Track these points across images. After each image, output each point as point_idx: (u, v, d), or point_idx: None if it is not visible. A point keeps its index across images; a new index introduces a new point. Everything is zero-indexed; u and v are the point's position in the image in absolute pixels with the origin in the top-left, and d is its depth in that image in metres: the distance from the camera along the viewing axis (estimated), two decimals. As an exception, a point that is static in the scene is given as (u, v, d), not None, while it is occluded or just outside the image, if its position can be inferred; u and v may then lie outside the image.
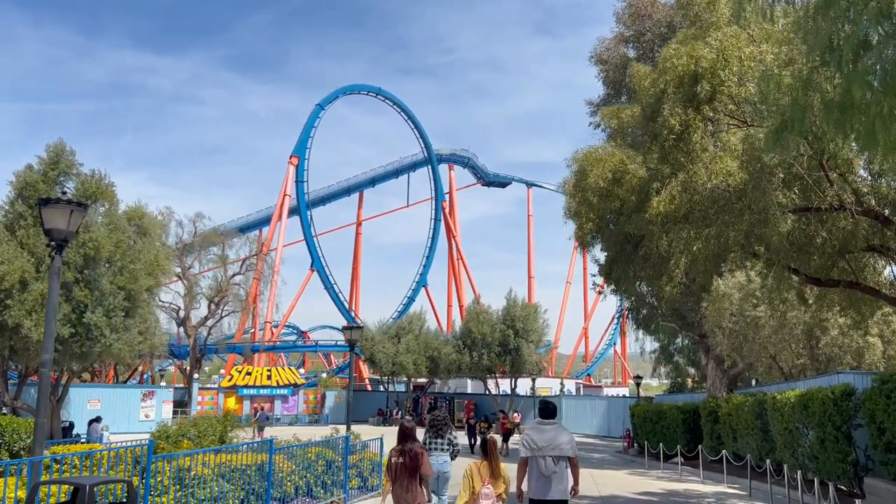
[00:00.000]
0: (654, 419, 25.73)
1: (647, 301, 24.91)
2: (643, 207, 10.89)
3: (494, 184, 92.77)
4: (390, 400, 49.20)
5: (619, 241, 13.20)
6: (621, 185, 11.80)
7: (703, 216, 10.18)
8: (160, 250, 23.56)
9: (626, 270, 13.29)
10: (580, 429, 41.61)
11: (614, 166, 11.73)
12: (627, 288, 15.15)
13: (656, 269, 12.67)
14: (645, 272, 12.99)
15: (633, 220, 11.39)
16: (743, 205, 9.70)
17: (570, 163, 13.02)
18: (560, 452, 7.02)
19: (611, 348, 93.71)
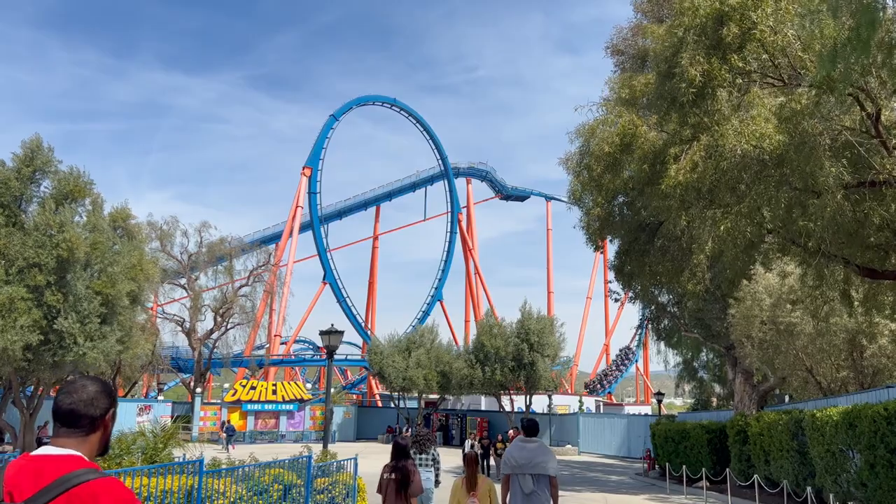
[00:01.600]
0: (677, 439, 23.63)
1: (669, 310, 22.95)
2: (658, 178, 9.07)
3: (513, 197, 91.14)
4: (401, 417, 47.28)
5: (631, 228, 11.38)
6: (631, 151, 9.92)
7: (731, 187, 8.34)
8: (145, 254, 22.05)
9: (641, 264, 11.41)
10: (599, 449, 39.38)
11: (623, 128, 9.79)
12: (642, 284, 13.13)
13: (676, 263, 10.86)
14: (663, 266, 11.14)
15: (646, 196, 9.54)
16: (781, 174, 7.88)
17: (574, 137, 11.18)
18: (541, 471, 6.97)
19: (632, 366, 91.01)
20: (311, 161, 66.06)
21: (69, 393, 2.29)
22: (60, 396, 2.29)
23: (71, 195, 20.45)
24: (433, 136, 76.09)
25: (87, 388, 2.33)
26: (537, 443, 7.37)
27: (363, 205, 77.72)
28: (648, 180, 9.49)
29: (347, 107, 69.84)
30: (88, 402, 2.27)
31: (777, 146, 7.76)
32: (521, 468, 7.04)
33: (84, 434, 2.24)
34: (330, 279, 64.42)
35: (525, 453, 7.15)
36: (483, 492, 7.49)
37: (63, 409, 2.27)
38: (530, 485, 7.00)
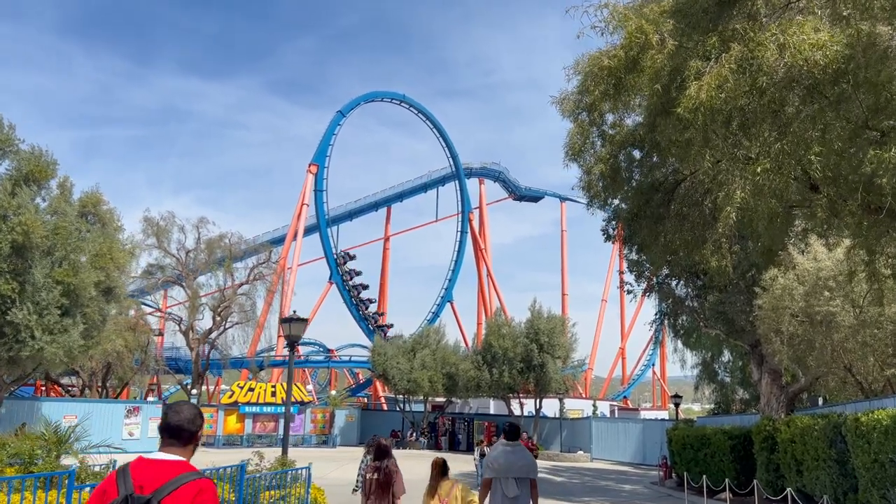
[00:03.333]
0: (696, 445, 21.51)
1: (687, 304, 20.89)
2: (674, 102, 7.09)
3: (526, 198, 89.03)
4: (405, 420, 45.39)
5: (642, 189, 9.41)
6: (640, 70, 7.85)
7: (773, 112, 6.41)
8: (119, 242, 20.38)
9: (654, 232, 9.42)
10: (612, 455, 37.24)
11: (629, 38, 7.63)
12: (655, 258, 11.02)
13: (696, 233, 8.91)
14: (680, 236, 9.17)
15: (658, 132, 7.54)
16: (840, 94, 5.95)
17: (571, 74, 9.08)
18: (523, 474, 7.09)
19: (649, 370, 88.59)
20: (318, 158, 64.43)
21: (176, 412, 3.15)
22: (169, 416, 3.14)
23: (32, 176, 18.81)
24: (443, 133, 74.27)
25: (187, 410, 3.20)
26: (519, 446, 7.36)
27: (374, 206, 75.91)
28: (662, 108, 7.53)
29: (355, 103, 68.19)
30: (190, 420, 3.14)
31: (834, 58, 5.84)
32: (505, 472, 7.08)
33: (185, 444, 3.12)
34: (336, 279, 62.73)
35: (508, 457, 7.16)
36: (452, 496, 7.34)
37: (172, 425, 3.11)
38: (514, 489, 7.02)
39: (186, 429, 3.10)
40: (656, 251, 9.70)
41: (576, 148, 9.34)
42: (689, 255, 9.31)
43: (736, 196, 7.14)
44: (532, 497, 7.16)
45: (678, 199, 8.75)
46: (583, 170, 9.69)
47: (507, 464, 7.09)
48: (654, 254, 9.85)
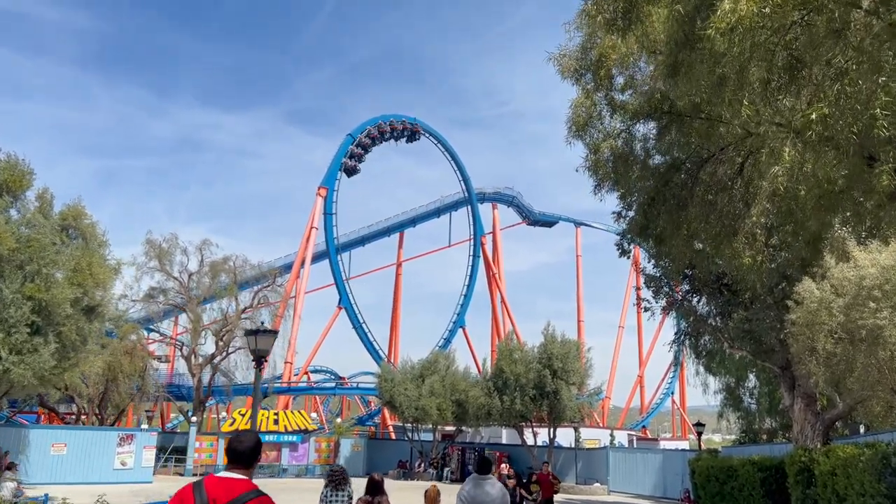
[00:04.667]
0: (722, 478, 19.68)
1: (710, 323, 19.22)
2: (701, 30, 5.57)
3: (540, 223, 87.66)
4: (414, 450, 43.54)
5: (660, 169, 7.94)
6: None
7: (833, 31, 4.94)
8: (102, 257, 19.13)
9: (674, 221, 7.88)
10: (630, 487, 35.15)
11: None
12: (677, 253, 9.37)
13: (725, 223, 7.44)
14: (706, 226, 7.65)
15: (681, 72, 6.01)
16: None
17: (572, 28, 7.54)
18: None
19: (668, 398, 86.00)
20: (328, 181, 63.55)
21: (240, 441, 3.74)
22: (234, 443, 3.74)
23: (6, 186, 17.66)
24: (455, 157, 73.33)
25: (249, 439, 3.79)
26: (491, 479, 7.38)
27: (386, 231, 74.69)
28: (685, 40, 6.08)
29: (365, 125, 67.46)
30: (251, 448, 3.76)
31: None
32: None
33: (248, 466, 3.71)
34: (346, 303, 61.32)
35: (480, 490, 7.16)
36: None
37: (238, 450, 3.71)
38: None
39: (248, 454, 3.68)
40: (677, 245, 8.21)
41: (580, 121, 7.90)
42: (717, 250, 7.86)
43: (784, 155, 5.68)
44: None
45: (703, 182, 7.33)
46: (589, 148, 8.26)
47: (479, 496, 7.11)
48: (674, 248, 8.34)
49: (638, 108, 7.34)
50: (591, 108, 7.88)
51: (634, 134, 8.01)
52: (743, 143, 7.09)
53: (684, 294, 19.56)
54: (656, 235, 8.56)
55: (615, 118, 7.99)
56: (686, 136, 7.14)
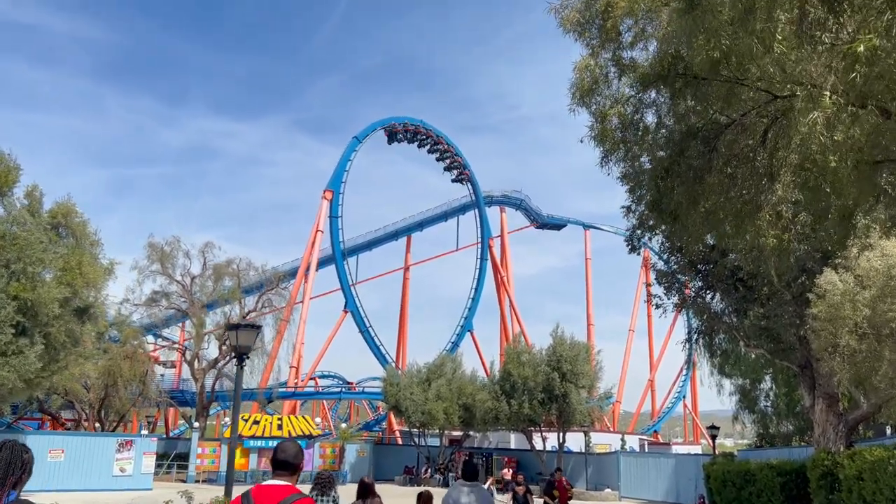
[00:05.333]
0: (739, 483, 18.78)
1: (725, 320, 18.36)
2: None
3: (549, 226, 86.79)
4: (420, 455, 42.72)
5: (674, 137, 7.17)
6: None
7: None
8: (85, 255, 18.49)
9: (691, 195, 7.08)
10: (643, 493, 34.19)
11: None
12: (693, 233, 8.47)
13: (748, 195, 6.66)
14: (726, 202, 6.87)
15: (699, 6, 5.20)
16: None
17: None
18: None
19: (679, 402, 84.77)
20: (333, 184, 62.94)
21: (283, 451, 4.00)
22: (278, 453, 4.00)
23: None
24: (462, 159, 72.56)
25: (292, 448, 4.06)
26: (477, 485, 7.34)
27: (393, 235, 73.87)
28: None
29: (371, 128, 66.93)
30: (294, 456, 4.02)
31: None
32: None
33: (292, 474, 3.96)
34: (352, 307, 60.63)
35: (465, 497, 7.13)
36: None
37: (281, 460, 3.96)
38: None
39: (292, 462, 4.00)
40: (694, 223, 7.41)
41: (585, 86, 7.10)
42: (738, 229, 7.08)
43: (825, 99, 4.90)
44: None
45: (722, 153, 6.57)
46: (594, 116, 7.48)
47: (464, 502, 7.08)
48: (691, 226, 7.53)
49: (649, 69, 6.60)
50: (597, 70, 7.14)
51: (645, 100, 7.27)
52: (767, 108, 6.33)
53: (697, 290, 18.73)
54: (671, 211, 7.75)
55: (623, 82, 7.25)
56: (703, 101, 6.40)
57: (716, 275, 18.08)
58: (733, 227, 7.18)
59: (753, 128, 6.50)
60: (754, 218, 6.73)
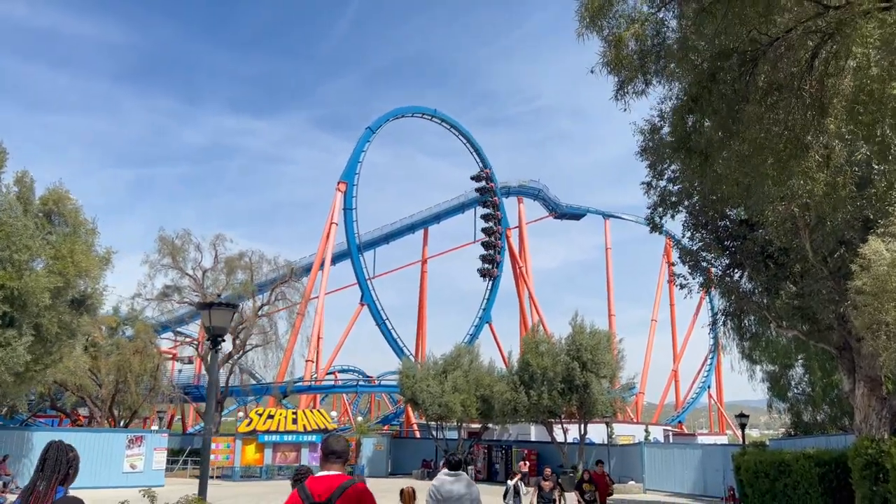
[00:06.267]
0: (773, 474, 17.55)
1: (756, 300, 17.10)
2: None
3: (567, 216, 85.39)
4: (439, 449, 41.77)
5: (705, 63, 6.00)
6: None
7: None
8: (77, 243, 17.67)
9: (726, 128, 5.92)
10: (668, 486, 32.95)
11: None
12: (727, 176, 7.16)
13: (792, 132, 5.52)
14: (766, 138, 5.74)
15: None
16: None
17: None
18: None
19: (704, 393, 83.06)
20: (347, 175, 62.05)
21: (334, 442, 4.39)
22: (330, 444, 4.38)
23: (-26, 165, 16.28)
24: (477, 148, 71.45)
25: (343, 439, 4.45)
26: (461, 476, 7.52)
27: (410, 227, 72.77)
28: None
29: (384, 119, 65.93)
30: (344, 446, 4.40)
31: None
32: (447, 502, 7.25)
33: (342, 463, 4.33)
34: (368, 300, 59.79)
35: (450, 487, 7.30)
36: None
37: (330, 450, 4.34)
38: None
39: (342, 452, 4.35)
40: (728, 165, 6.25)
41: (595, 6, 6.00)
42: (781, 172, 5.96)
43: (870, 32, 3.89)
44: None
45: (762, 80, 5.46)
46: (607, 41, 6.35)
47: (447, 493, 7.26)
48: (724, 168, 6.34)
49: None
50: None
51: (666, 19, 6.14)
52: (814, 23, 5.22)
53: (724, 269, 17.50)
54: (700, 150, 6.59)
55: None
56: (737, 19, 5.29)
57: (744, 251, 16.86)
58: (775, 170, 6.02)
59: (799, 49, 5.37)
60: (801, 158, 5.60)
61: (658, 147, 19.63)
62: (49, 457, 3.91)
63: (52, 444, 4.04)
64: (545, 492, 16.66)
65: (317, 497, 4.02)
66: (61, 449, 3.99)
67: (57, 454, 3.94)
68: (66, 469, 3.92)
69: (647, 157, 19.46)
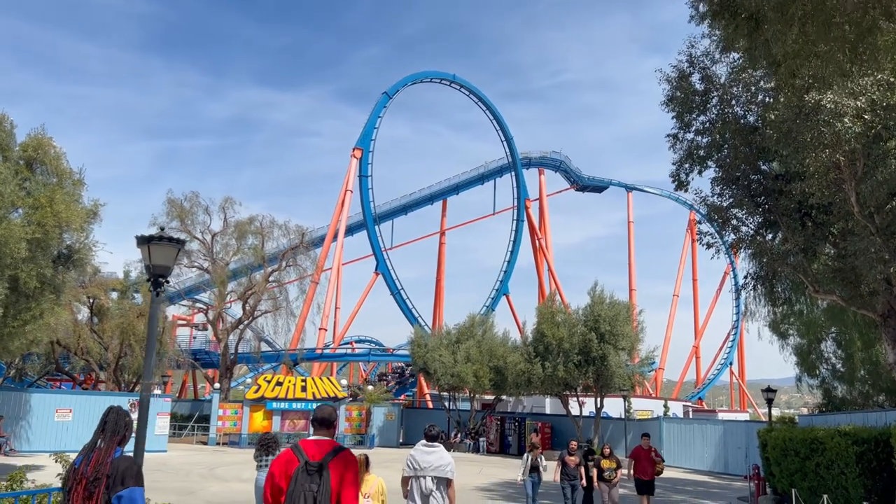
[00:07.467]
0: (804, 453, 16.14)
1: (789, 261, 15.56)
2: None
3: (589, 188, 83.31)
4: (451, 420, 40.82)
5: None
6: None
7: None
8: (57, 192, 16.52)
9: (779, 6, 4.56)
10: (687, 462, 31.69)
11: None
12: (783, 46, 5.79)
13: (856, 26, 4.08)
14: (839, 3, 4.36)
15: None
16: None
17: None
18: (440, 474, 7.59)
19: (725, 370, 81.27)
20: (362, 142, 60.57)
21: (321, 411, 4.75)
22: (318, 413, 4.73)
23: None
24: (496, 115, 69.41)
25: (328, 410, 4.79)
26: (438, 447, 7.80)
27: (429, 199, 71.29)
28: None
29: (402, 83, 64.13)
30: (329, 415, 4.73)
31: None
32: (423, 471, 7.56)
33: (329, 429, 4.67)
34: (382, 269, 58.68)
35: (428, 457, 7.62)
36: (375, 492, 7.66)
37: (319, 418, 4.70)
38: (431, 486, 7.49)
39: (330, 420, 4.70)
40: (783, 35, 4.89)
41: None
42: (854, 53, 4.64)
43: None
44: (448, 496, 7.60)
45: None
46: None
47: (425, 463, 7.56)
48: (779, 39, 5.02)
49: None
50: None
51: None
52: None
53: (756, 228, 15.96)
54: (750, 14, 5.18)
55: None
56: None
57: (779, 209, 15.31)
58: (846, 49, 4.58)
59: None
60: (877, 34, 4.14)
61: (686, 95, 17.98)
62: (109, 420, 4.28)
63: (111, 409, 4.41)
64: (570, 468, 15.08)
65: (311, 457, 4.36)
66: (120, 413, 4.38)
67: (117, 417, 4.31)
68: (123, 431, 4.27)
69: (674, 107, 17.88)
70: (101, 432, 4.21)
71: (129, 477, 4.04)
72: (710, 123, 17.08)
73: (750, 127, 16.12)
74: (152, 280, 7.26)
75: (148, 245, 7.18)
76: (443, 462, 7.61)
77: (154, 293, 7.31)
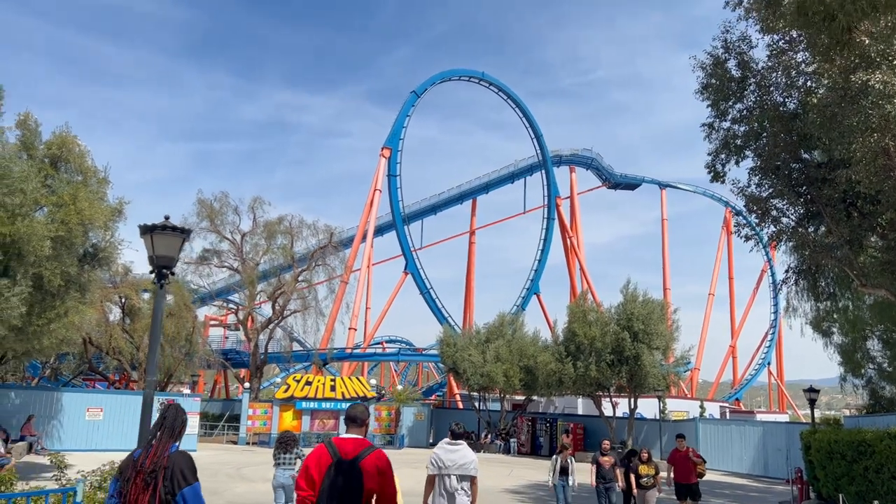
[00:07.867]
0: (851, 456, 15.32)
1: (834, 254, 14.77)
2: None
3: (622, 185, 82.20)
4: (481, 420, 40.32)
5: None
6: None
7: None
8: (80, 189, 16.41)
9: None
10: (724, 465, 30.75)
11: None
12: None
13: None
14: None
15: None
16: None
17: None
18: (464, 472, 7.64)
19: (763, 370, 79.33)
20: (391, 141, 60.39)
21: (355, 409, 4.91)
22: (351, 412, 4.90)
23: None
24: (526, 113, 68.71)
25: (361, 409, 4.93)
26: (462, 445, 7.85)
27: (459, 198, 70.92)
28: None
29: (430, 82, 63.77)
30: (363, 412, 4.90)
31: None
32: (447, 469, 7.61)
33: (361, 427, 4.81)
34: (412, 268, 58.41)
35: (452, 455, 7.69)
36: None
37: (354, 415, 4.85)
38: (456, 484, 7.56)
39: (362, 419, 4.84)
40: None
41: None
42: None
43: None
44: (472, 493, 7.68)
45: None
46: None
47: (449, 462, 7.62)
48: None
49: None
50: None
51: None
52: None
53: (798, 219, 15.20)
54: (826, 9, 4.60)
55: None
56: None
57: (822, 199, 14.54)
58: None
59: None
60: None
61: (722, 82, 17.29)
62: (168, 416, 4.42)
63: (170, 406, 4.55)
64: (605, 469, 14.27)
65: (343, 454, 4.52)
66: (178, 410, 4.54)
67: (175, 413, 4.47)
68: (179, 426, 4.43)
69: (709, 95, 17.19)
70: (159, 427, 4.36)
71: (188, 471, 4.21)
72: (748, 111, 16.37)
73: (790, 113, 15.38)
74: (156, 271, 6.91)
75: (151, 235, 6.81)
76: (466, 460, 7.71)
77: (158, 285, 6.97)
